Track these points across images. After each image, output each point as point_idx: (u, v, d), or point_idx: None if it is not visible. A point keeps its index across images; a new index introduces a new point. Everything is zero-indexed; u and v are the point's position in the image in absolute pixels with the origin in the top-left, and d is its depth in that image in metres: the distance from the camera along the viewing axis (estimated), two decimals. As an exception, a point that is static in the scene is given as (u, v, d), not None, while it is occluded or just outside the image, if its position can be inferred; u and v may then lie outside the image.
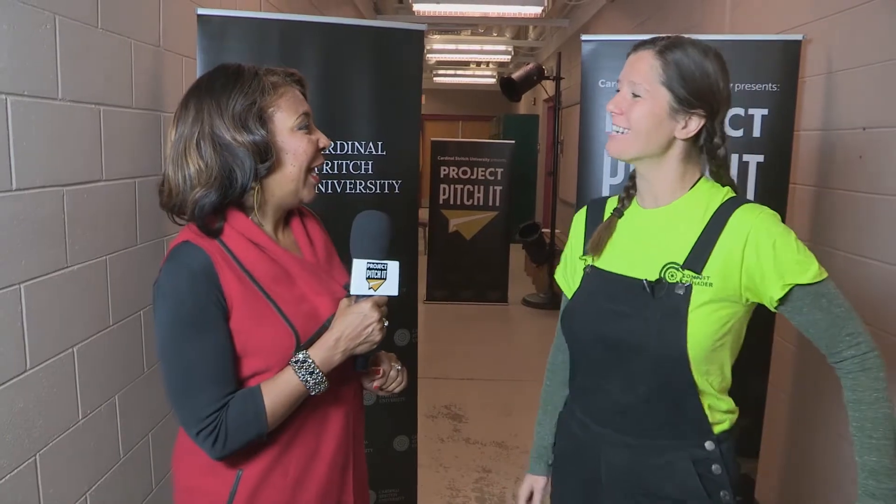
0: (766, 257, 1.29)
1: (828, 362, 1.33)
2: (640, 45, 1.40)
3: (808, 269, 1.28)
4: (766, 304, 1.34)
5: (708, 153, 1.42)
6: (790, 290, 1.28)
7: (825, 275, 1.30)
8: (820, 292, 1.29)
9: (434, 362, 4.84)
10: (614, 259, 1.44)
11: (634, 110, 1.36)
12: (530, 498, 1.69)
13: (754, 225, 1.31)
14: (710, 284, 1.31)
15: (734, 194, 1.40)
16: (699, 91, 1.34)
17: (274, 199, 1.36)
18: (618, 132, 1.38)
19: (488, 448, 3.93)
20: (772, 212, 1.34)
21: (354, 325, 1.30)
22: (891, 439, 1.24)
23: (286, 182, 1.35)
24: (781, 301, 1.30)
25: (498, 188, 7.44)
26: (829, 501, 2.63)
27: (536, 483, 1.68)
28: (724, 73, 1.37)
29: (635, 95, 1.36)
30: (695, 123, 1.36)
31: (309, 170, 1.37)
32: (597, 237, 1.46)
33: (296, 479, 1.36)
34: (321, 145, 1.39)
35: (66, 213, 1.85)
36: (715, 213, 1.35)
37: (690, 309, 1.31)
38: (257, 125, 1.28)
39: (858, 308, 2.45)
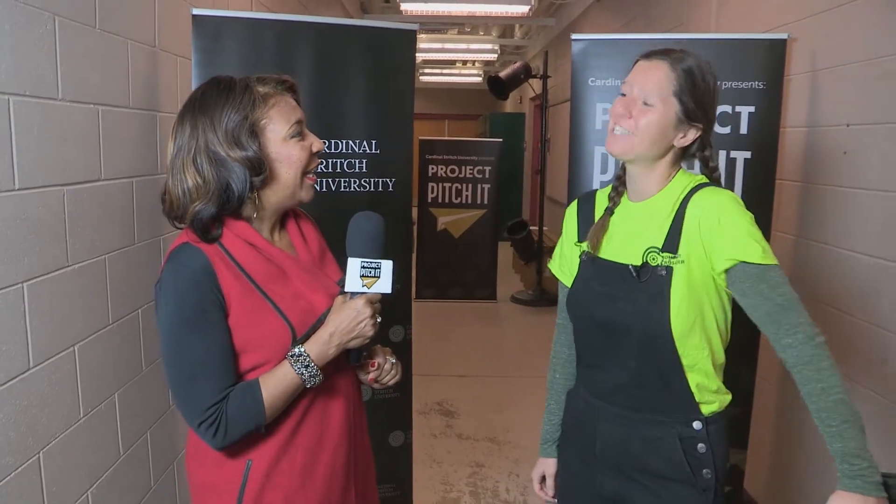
0: (713, 230, 1.38)
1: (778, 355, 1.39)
2: (652, 55, 1.47)
3: (752, 250, 1.35)
4: (719, 283, 1.42)
5: (701, 161, 1.53)
6: (732, 266, 1.37)
7: (773, 261, 1.35)
8: (762, 277, 1.35)
9: (424, 359, 4.86)
10: (606, 247, 1.54)
11: (645, 117, 1.44)
12: (543, 481, 1.79)
13: (706, 203, 1.41)
14: (684, 262, 1.42)
15: (705, 180, 1.50)
16: (703, 105, 1.45)
17: (271, 205, 1.42)
18: (622, 132, 1.46)
19: (480, 443, 3.97)
20: (730, 194, 1.44)
21: (348, 320, 1.35)
22: (848, 423, 1.29)
23: (282, 189, 1.40)
24: (727, 276, 1.39)
25: (486, 186, 7.48)
26: (816, 490, 2.69)
27: (548, 467, 1.77)
28: (717, 88, 1.49)
29: (646, 103, 1.44)
30: (692, 134, 1.47)
31: (304, 174, 1.41)
32: (593, 235, 1.55)
33: (303, 467, 1.41)
34: (314, 149, 1.43)
35: (66, 212, 1.87)
36: (684, 197, 1.46)
37: (672, 288, 1.41)
38: (250, 140, 1.33)
39: (843, 301, 2.52)
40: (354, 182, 2.72)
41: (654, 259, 1.44)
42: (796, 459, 2.86)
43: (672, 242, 1.43)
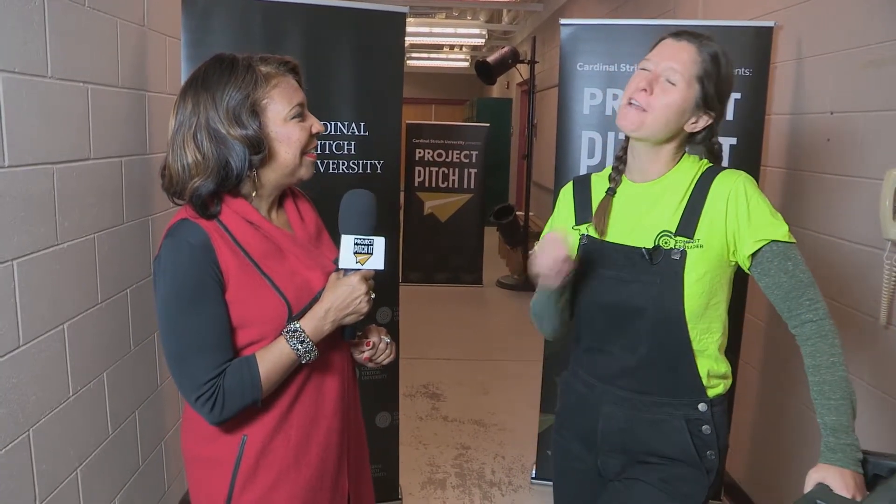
0: (742, 214, 1.40)
1: (789, 329, 1.43)
2: (681, 34, 1.46)
3: (779, 229, 1.39)
4: (742, 264, 1.44)
5: (707, 149, 1.53)
6: (762, 246, 1.39)
7: (794, 240, 1.40)
8: (788, 254, 1.39)
9: (410, 343, 4.87)
10: (610, 230, 1.52)
11: (665, 97, 1.43)
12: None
13: (734, 186, 1.42)
14: (702, 247, 1.42)
15: (711, 164, 1.51)
16: (722, 93, 1.46)
17: (270, 183, 1.43)
18: (636, 105, 1.44)
19: (466, 426, 4.00)
20: (749, 176, 1.45)
21: (343, 296, 1.38)
22: (846, 399, 1.33)
23: (281, 168, 1.41)
24: (753, 257, 1.41)
25: (473, 171, 7.48)
26: (795, 472, 2.74)
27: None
28: (733, 79, 1.49)
29: (670, 81, 1.43)
30: (703, 122, 1.47)
31: (303, 153, 1.42)
32: (600, 217, 1.53)
33: (298, 443, 1.43)
34: (314, 131, 1.44)
35: (56, 190, 1.86)
36: (697, 181, 1.46)
37: (686, 272, 1.42)
38: (251, 119, 1.34)
39: (826, 286, 2.56)
40: (343, 164, 2.72)
41: (667, 243, 1.43)
42: (777, 442, 2.91)
43: (687, 226, 1.43)
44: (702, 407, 1.47)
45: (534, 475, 3.35)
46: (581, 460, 1.61)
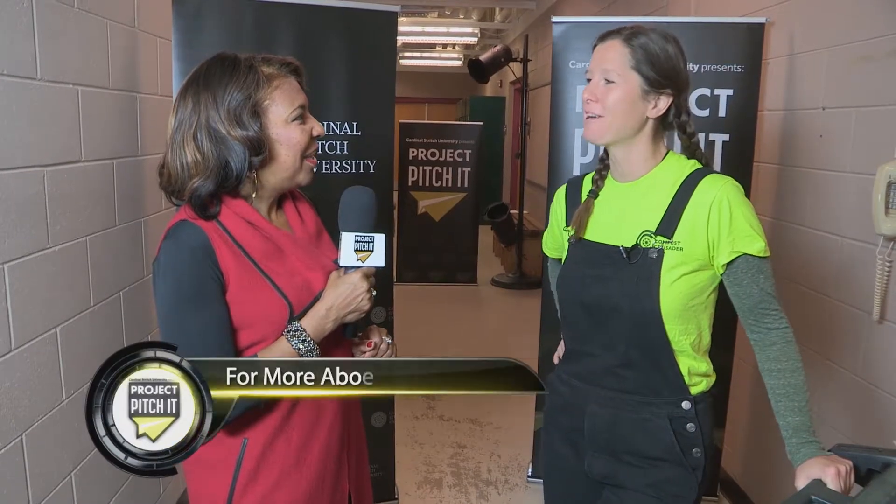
0: (723, 223, 1.41)
1: (747, 334, 1.47)
2: (605, 36, 1.49)
3: (756, 243, 1.41)
4: (716, 269, 1.46)
5: (678, 129, 1.53)
6: (736, 257, 1.41)
7: (769, 254, 1.43)
8: (761, 268, 1.42)
9: (405, 342, 4.85)
10: (594, 229, 1.54)
11: (610, 96, 1.45)
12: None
13: (718, 193, 1.42)
14: (681, 249, 1.43)
15: (700, 166, 1.51)
16: (665, 72, 1.46)
17: (270, 185, 1.42)
18: (593, 117, 1.48)
19: (462, 425, 4.00)
20: (735, 182, 1.46)
21: (344, 294, 1.37)
22: (808, 401, 1.39)
23: (281, 171, 1.40)
24: (727, 266, 1.43)
25: (466, 170, 7.48)
26: (790, 468, 2.74)
27: None
28: (682, 55, 1.49)
29: (608, 82, 1.45)
30: (664, 102, 1.48)
31: (304, 156, 1.41)
32: (577, 219, 1.56)
33: (299, 445, 1.41)
34: (315, 133, 1.43)
35: (46, 193, 1.85)
36: (683, 182, 1.47)
37: (662, 271, 1.43)
38: (251, 120, 1.33)
39: (819, 281, 2.57)
40: (336, 164, 2.72)
41: (646, 242, 1.45)
42: (771, 439, 2.91)
43: (667, 226, 1.44)
44: (685, 405, 1.48)
45: (530, 473, 3.35)
46: (568, 460, 1.61)
